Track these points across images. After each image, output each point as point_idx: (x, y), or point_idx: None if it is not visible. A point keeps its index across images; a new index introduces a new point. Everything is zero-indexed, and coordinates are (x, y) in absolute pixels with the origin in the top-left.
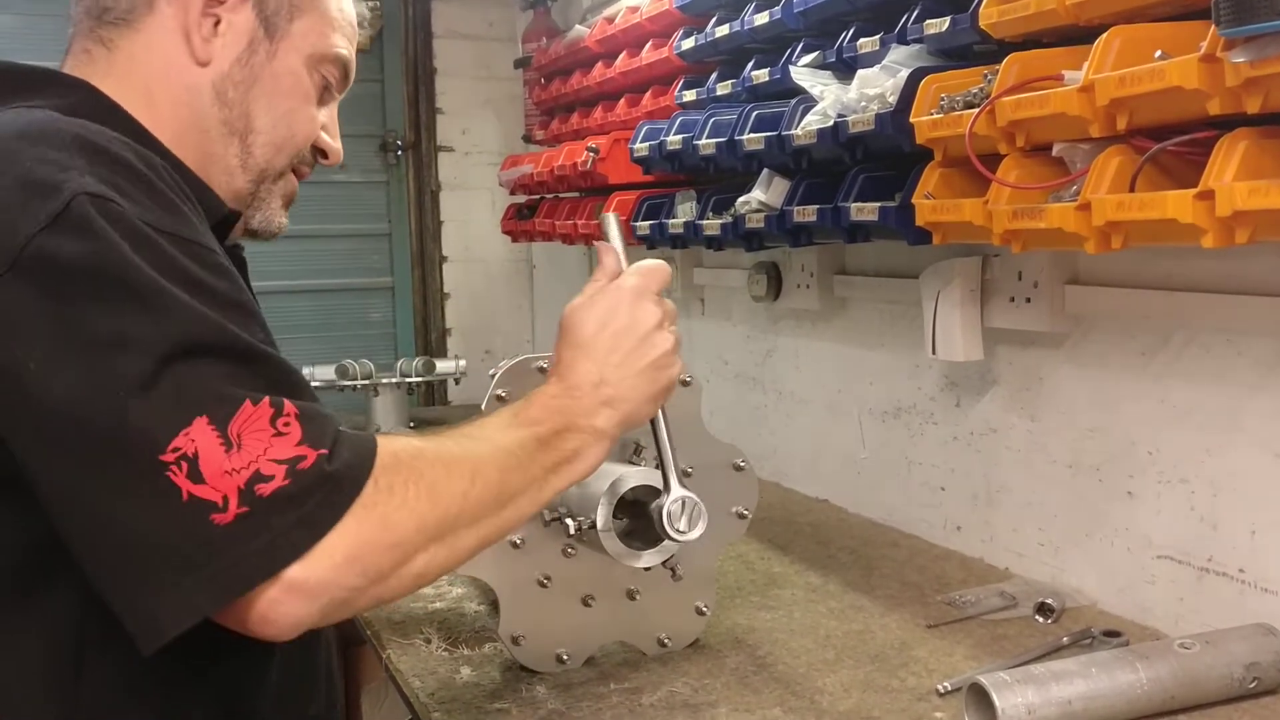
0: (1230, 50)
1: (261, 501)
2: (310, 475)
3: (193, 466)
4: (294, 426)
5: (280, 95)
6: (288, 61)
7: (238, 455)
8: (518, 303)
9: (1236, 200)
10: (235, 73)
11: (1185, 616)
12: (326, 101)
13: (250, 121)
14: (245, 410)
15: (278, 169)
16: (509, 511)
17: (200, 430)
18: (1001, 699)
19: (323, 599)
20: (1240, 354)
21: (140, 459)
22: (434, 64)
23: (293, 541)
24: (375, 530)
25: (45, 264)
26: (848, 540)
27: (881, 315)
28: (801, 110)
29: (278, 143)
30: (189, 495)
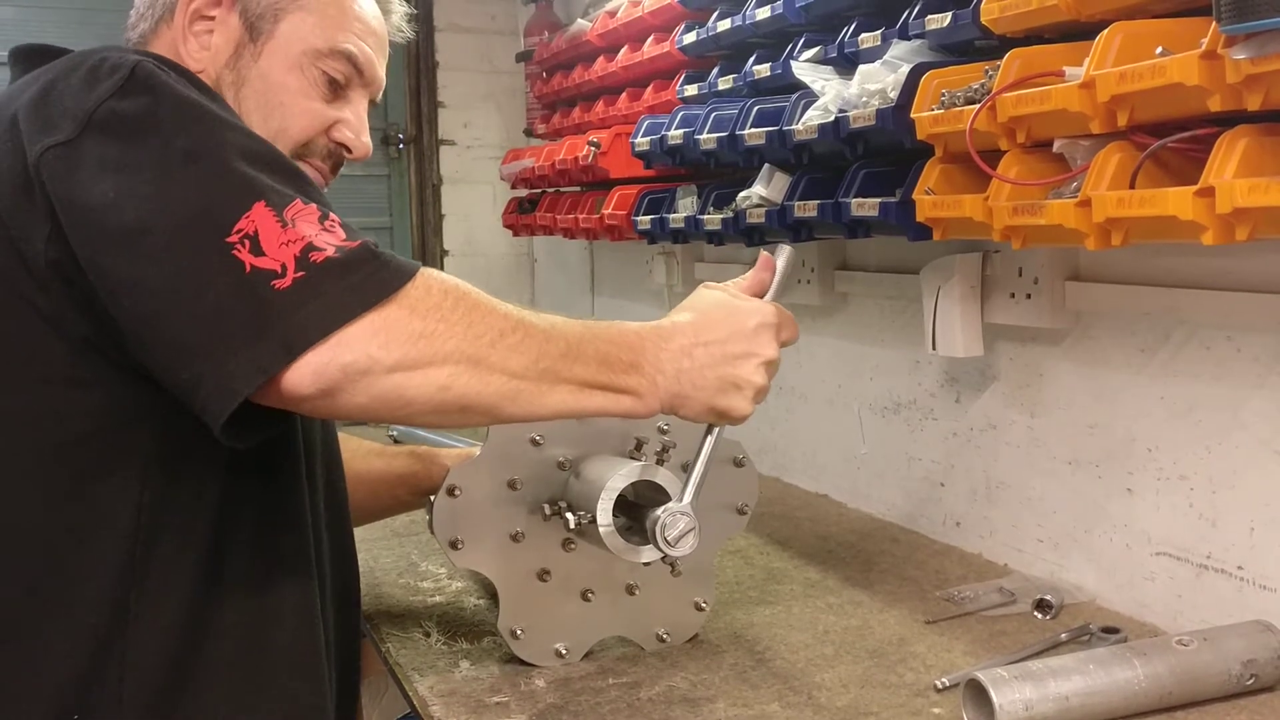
0: (1231, 47)
1: (315, 267)
2: (358, 252)
3: (254, 243)
4: (338, 229)
5: (269, 93)
6: (274, 62)
7: (293, 230)
8: (519, 297)
9: (1237, 197)
10: (226, 75)
11: (1184, 613)
12: (343, 96)
13: (244, 118)
14: (297, 204)
15: None
16: (545, 386)
17: (260, 212)
18: (999, 695)
19: (349, 355)
20: (1240, 351)
21: (209, 242)
22: (436, 57)
23: (345, 304)
24: (408, 313)
25: (113, 120)
26: (847, 536)
27: (882, 311)
28: (803, 105)
29: (269, 137)
30: (252, 267)
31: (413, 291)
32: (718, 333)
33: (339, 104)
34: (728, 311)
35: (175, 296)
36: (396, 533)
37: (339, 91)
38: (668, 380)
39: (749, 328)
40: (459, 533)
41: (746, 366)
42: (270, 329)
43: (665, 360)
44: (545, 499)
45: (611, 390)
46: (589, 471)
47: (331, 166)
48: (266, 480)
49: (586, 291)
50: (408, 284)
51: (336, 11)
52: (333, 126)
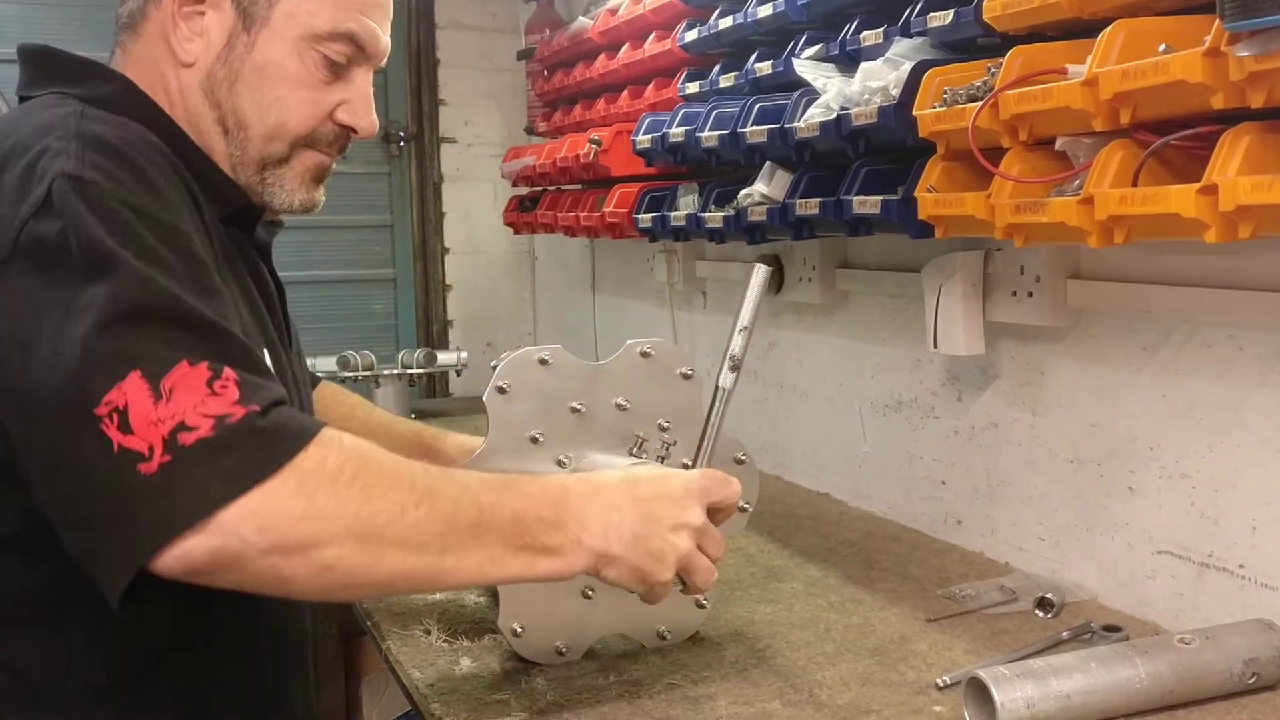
0: (1234, 44)
1: (184, 451)
2: (236, 428)
3: (123, 418)
4: (230, 390)
5: (265, 86)
6: (270, 50)
7: (165, 406)
8: (520, 295)
9: (1239, 195)
10: (219, 71)
11: (1185, 612)
12: (345, 77)
13: (240, 117)
14: (181, 369)
15: (277, 156)
16: (450, 560)
17: (133, 384)
18: (1001, 693)
19: (216, 541)
20: (1242, 349)
21: (78, 414)
22: (437, 55)
23: (213, 489)
24: (290, 494)
25: (33, 246)
26: (848, 534)
27: (883, 309)
28: (804, 103)
29: (268, 134)
30: (119, 446)
31: (303, 464)
32: (645, 491)
33: (340, 84)
34: (657, 475)
35: (55, 469)
36: None
37: (340, 72)
38: (594, 538)
39: (676, 491)
40: None
41: (671, 533)
42: (136, 516)
43: (592, 516)
44: None
45: (529, 551)
46: (590, 469)
47: (339, 149)
48: None
49: (587, 290)
50: (295, 457)
51: None
52: (335, 109)
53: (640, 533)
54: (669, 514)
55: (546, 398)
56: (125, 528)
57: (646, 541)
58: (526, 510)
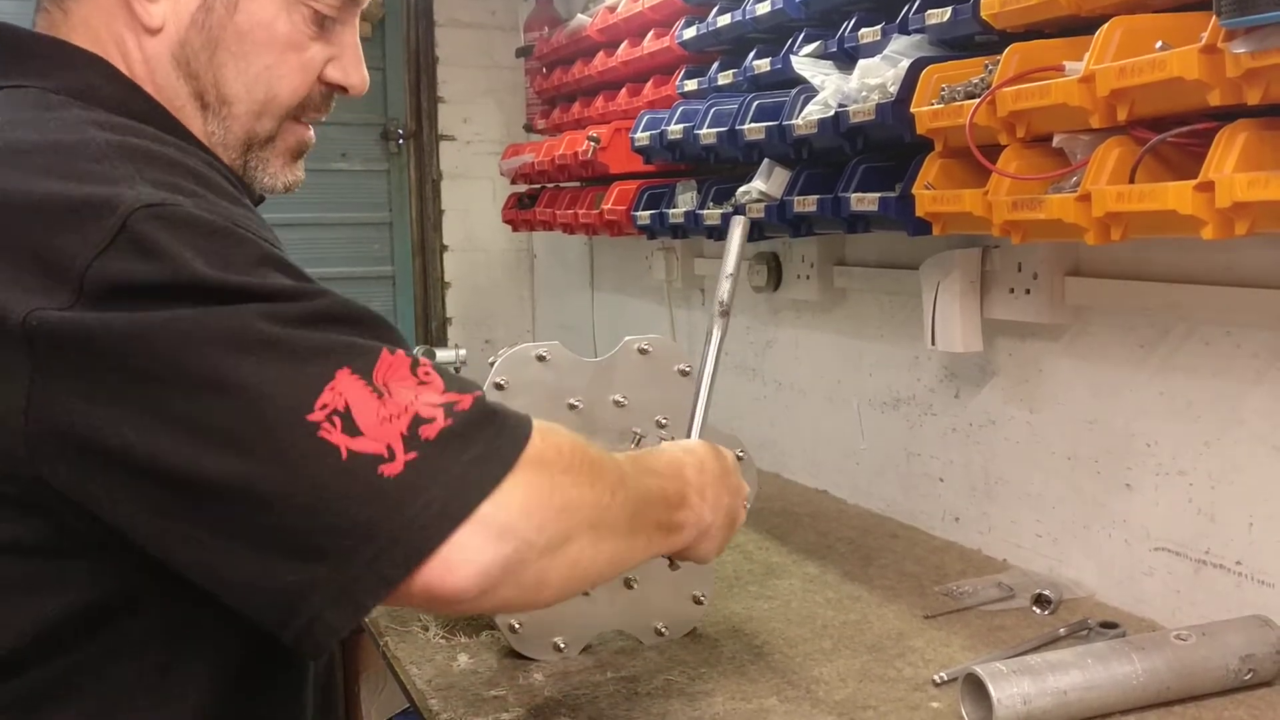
0: (1231, 41)
1: (429, 444)
2: (473, 414)
3: (346, 420)
4: (434, 377)
5: (251, 54)
6: (253, 10)
7: (391, 401)
8: (518, 292)
9: (1236, 192)
10: (194, 38)
11: (1182, 608)
12: (332, 30)
13: (222, 91)
14: (385, 359)
15: (264, 134)
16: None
17: (345, 381)
18: (997, 689)
19: (509, 544)
20: (1239, 346)
21: (286, 426)
22: (436, 52)
23: (473, 480)
24: (547, 485)
25: (113, 291)
26: (846, 531)
27: (881, 306)
28: (802, 100)
29: (257, 109)
30: (348, 452)
31: (540, 453)
32: (725, 463)
33: (326, 38)
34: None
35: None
36: None
37: (327, 25)
38: (709, 510)
39: (729, 462)
40: None
41: (741, 505)
42: (385, 530)
43: (708, 488)
44: None
45: (665, 529)
46: None
47: (325, 111)
48: None
49: (586, 287)
50: (529, 445)
51: None
52: (326, 67)
53: (730, 504)
54: (738, 484)
55: (544, 394)
56: (374, 542)
57: (732, 512)
58: (665, 489)
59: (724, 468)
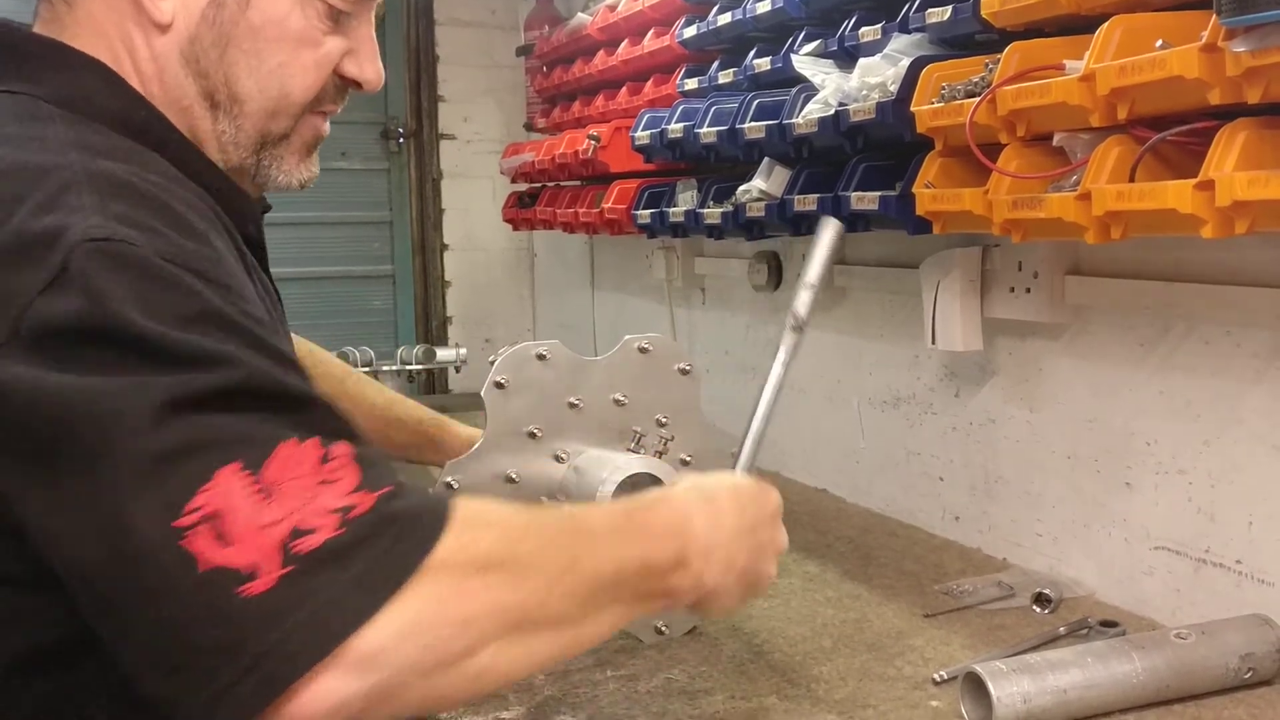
0: (1231, 40)
1: (304, 559)
2: (367, 522)
3: (217, 527)
4: (348, 471)
5: (264, 51)
6: (266, 6)
7: (274, 505)
8: (518, 291)
9: (1236, 190)
10: (204, 34)
11: (1182, 607)
12: (347, 24)
13: (233, 89)
14: (283, 450)
15: (278, 133)
16: (590, 627)
17: (226, 480)
18: (997, 688)
19: (372, 677)
20: (1239, 345)
21: (148, 531)
22: (436, 51)
23: (348, 606)
24: (448, 595)
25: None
26: (846, 530)
27: (881, 305)
28: (803, 99)
29: (270, 107)
30: (211, 565)
31: (449, 556)
32: (752, 515)
33: (342, 31)
34: (757, 491)
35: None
36: None
37: (342, 19)
38: (713, 576)
39: (772, 509)
40: None
41: (769, 562)
42: (242, 656)
43: (716, 549)
44: (544, 492)
45: (652, 597)
46: (587, 465)
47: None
48: None
49: (586, 286)
50: (437, 544)
51: None
52: (343, 60)
53: (748, 565)
54: (770, 541)
55: (544, 393)
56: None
57: (753, 575)
58: (655, 556)
59: (750, 521)
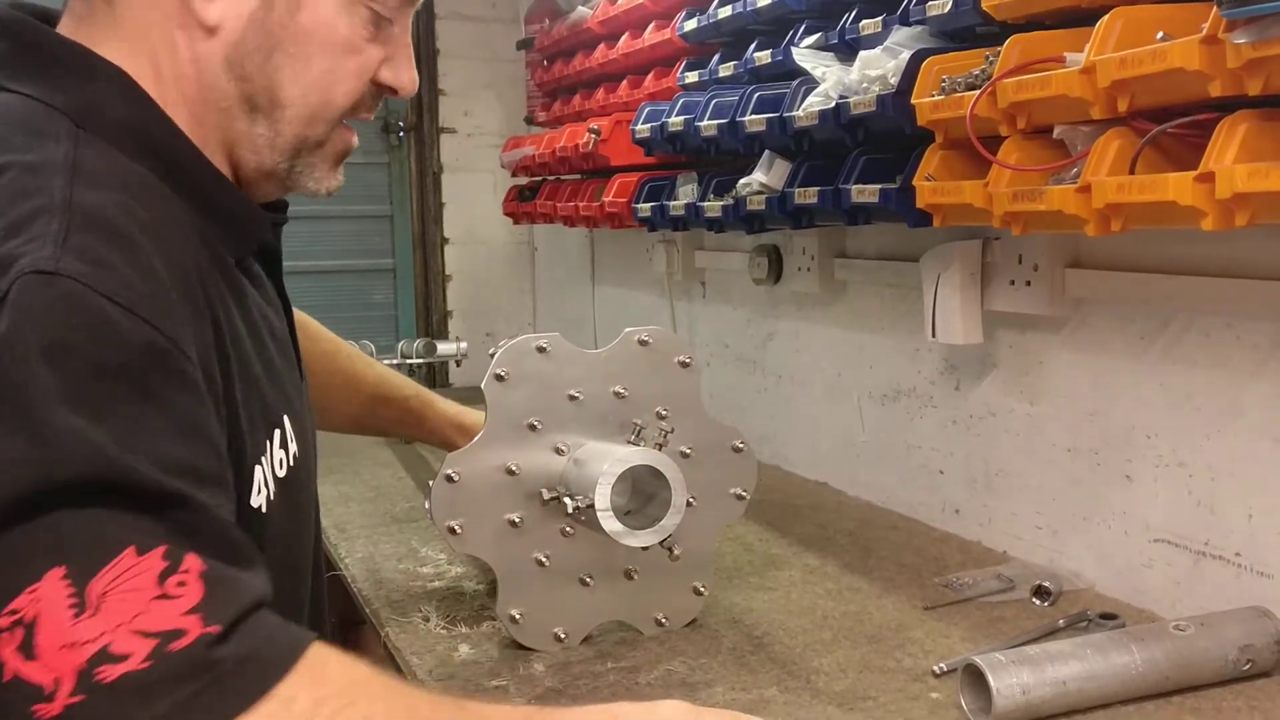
0: (1232, 31)
1: (100, 690)
2: (183, 659)
3: (28, 636)
4: (191, 587)
5: (311, 57)
6: (317, 12)
7: (89, 623)
8: (519, 285)
9: (1236, 183)
10: (250, 38)
11: (1182, 600)
12: (388, 31)
13: (275, 94)
14: (123, 561)
15: (315, 139)
16: None
17: (50, 587)
18: (997, 679)
19: None
20: (1239, 338)
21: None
22: (436, 45)
23: None
24: None
25: None
26: (846, 522)
27: (882, 298)
28: (803, 92)
29: (310, 113)
30: (13, 675)
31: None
32: None
33: (383, 39)
34: None
35: None
36: (397, 519)
37: (382, 25)
38: None
39: None
40: (457, 518)
41: None
42: None
43: None
44: (544, 485)
45: None
46: (587, 457)
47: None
48: None
49: (587, 280)
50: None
51: None
52: (381, 67)
53: None
54: None
55: (544, 385)
56: None
57: None
58: None
59: None
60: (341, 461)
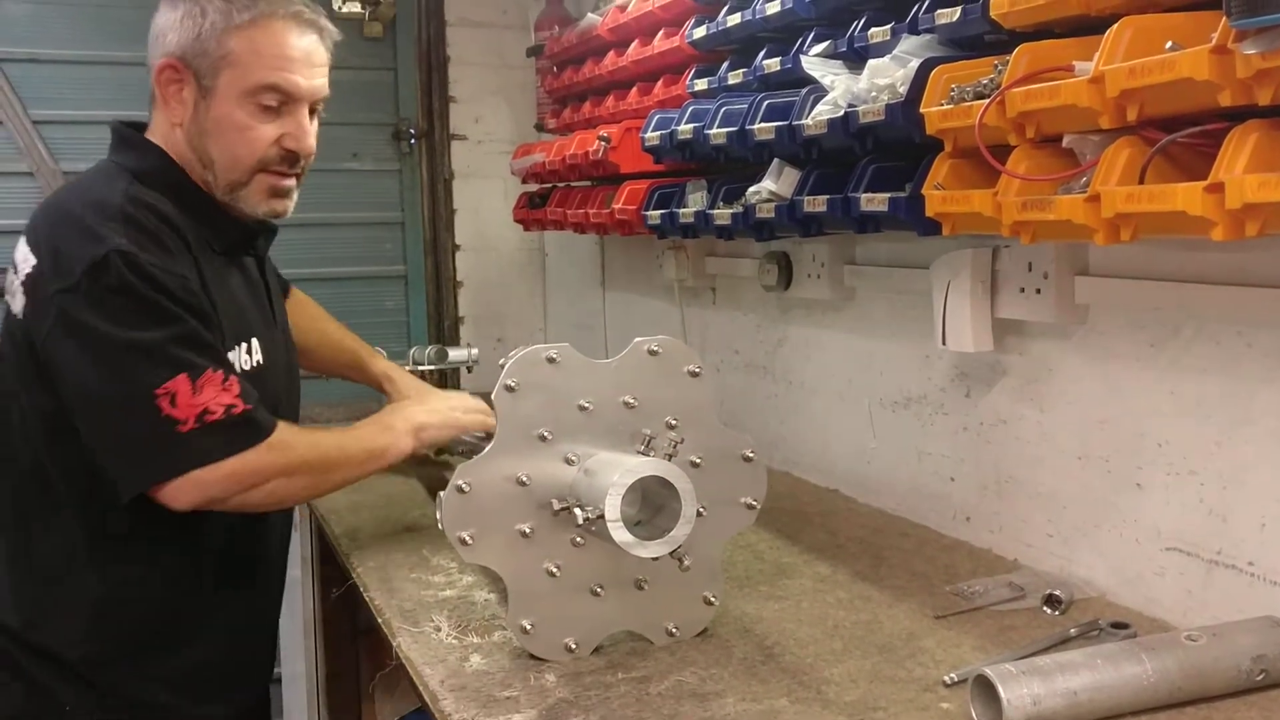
0: (1241, 42)
1: (205, 424)
2: (236, 418)
3: (173, 400)
4: (234, 388)
5: (222, 133)
6: (220, 109)
7: (199, 396)
8: (530, 291)
9: (1247, 193)
10: (192, 126)
11: (1194, 609)
12: (284, 114)
13: (208, 156)
14: (207, 374)
15: (240, 181)
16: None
17: (180, 381)
18: (1007, 690)
19: (208, 492)
20: (1250, 346)
21: (141, 392)
22: (447, 52)
23: (214, 452)
24: (253, 463)
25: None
26: (856, 530)
27: (892, 306)
28: (812, 100)
29: (228, 166)
30: (166, 414)
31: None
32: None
33: (281, 120)
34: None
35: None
36: (408, 528)
37: (278, 111)
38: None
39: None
40: (468, 529)
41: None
42: (165, 455)
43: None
44: (554, 495)
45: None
46: (597, 467)
47: (289, 165)
48: None
49: (597, 286)
50: (260, 442)
51: (256, 58)
52: (280, 138)
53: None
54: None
55: (554, 395)
56: (156, 459)
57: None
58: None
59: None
60: None
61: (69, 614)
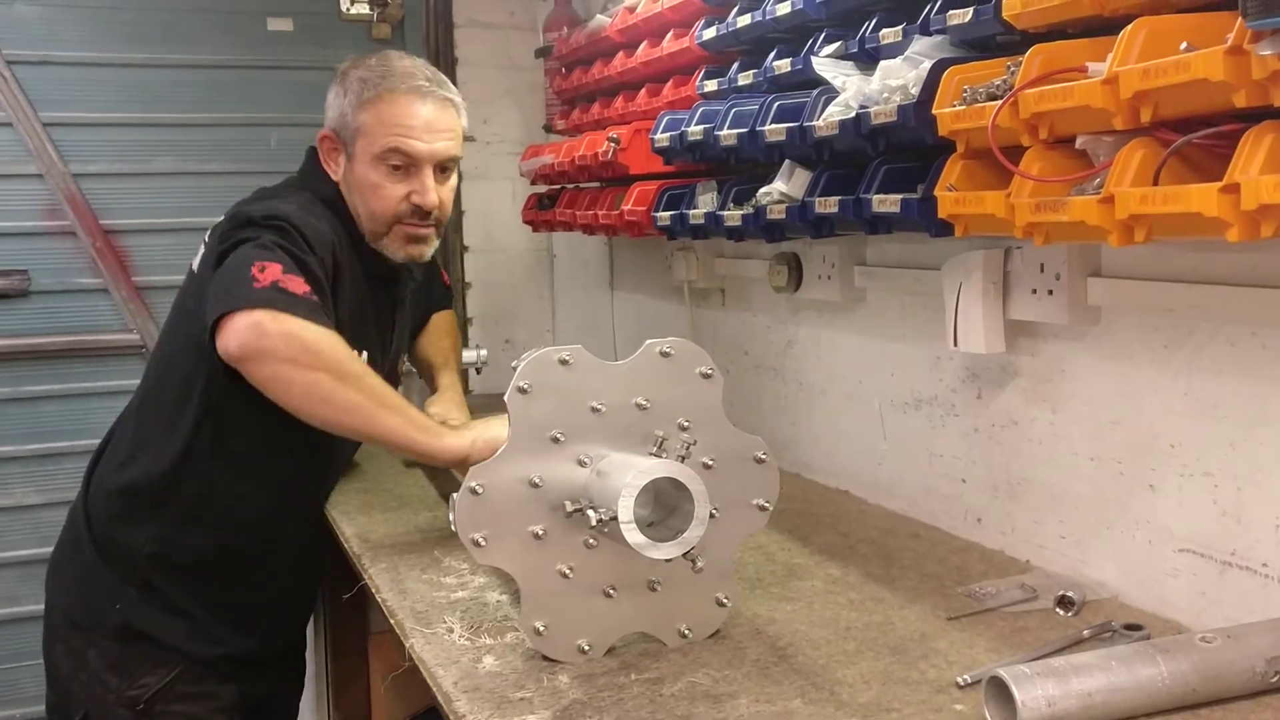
0: (1257, 42)
1: (278, 286)
2: (307, 297)
3: (263, 269)
4: (300, 281)
5: (362, 189)
6: (359, 169)
7: (283, 276)
8: (539, 292)
9: (1262, 194)
10: (345, 181)
11: (1207, 610)
12: (411, 173)
13: (356, 209)
14: (297, 278)
15: (380, 230)
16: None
17: (275, 267)
18: (1021, 691)
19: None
20: (1265, 347)
21: (246, 265)
22: (455, 53)
23: (275, 300)
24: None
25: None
26: (868, 531)
27: (903, 307)
28: (823, 101)
29: (369, 217)
30: (252, 274)
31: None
32: None
33: (409, 180)
34: None
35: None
36: (420, 529)
37: (406, 171)
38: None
39: None
40: (481, 530)
41: None
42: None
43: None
44: (567, 497)
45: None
46: (610, 469)
47: (421, 218)
48: None
49: (606, 288)
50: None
51: (381, 127)
52: (409, 195)
53: None
54: None
55: (567, 397)
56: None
57: None
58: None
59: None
60: (365, 469)
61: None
